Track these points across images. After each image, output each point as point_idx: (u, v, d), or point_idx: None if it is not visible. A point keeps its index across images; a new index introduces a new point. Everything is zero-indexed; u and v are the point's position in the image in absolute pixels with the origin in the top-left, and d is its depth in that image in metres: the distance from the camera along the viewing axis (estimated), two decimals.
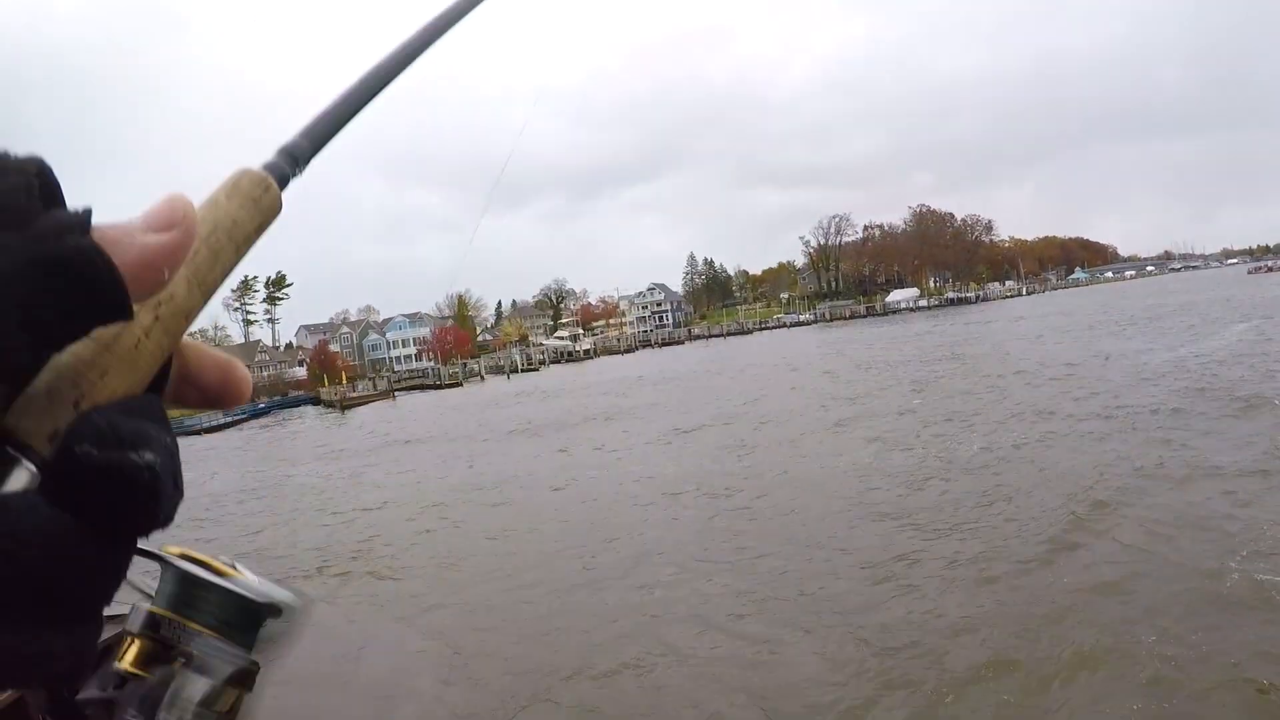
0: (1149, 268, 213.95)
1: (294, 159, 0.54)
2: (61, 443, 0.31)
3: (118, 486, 0.32)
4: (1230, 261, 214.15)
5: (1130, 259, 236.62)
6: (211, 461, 37.67)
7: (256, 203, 0.48)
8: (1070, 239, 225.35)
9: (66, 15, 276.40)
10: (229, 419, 69.35)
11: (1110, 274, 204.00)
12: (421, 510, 17.69)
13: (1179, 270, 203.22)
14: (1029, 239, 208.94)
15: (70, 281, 0.30)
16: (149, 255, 0.34)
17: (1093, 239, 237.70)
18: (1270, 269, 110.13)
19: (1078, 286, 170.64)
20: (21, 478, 0.30)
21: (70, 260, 0.31)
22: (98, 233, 0.33)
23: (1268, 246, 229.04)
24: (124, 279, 0.32)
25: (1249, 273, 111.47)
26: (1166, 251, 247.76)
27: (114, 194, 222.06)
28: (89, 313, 0.32)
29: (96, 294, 0.31)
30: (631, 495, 16.14)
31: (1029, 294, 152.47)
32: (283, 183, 0.51)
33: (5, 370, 0.30)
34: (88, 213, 0.33)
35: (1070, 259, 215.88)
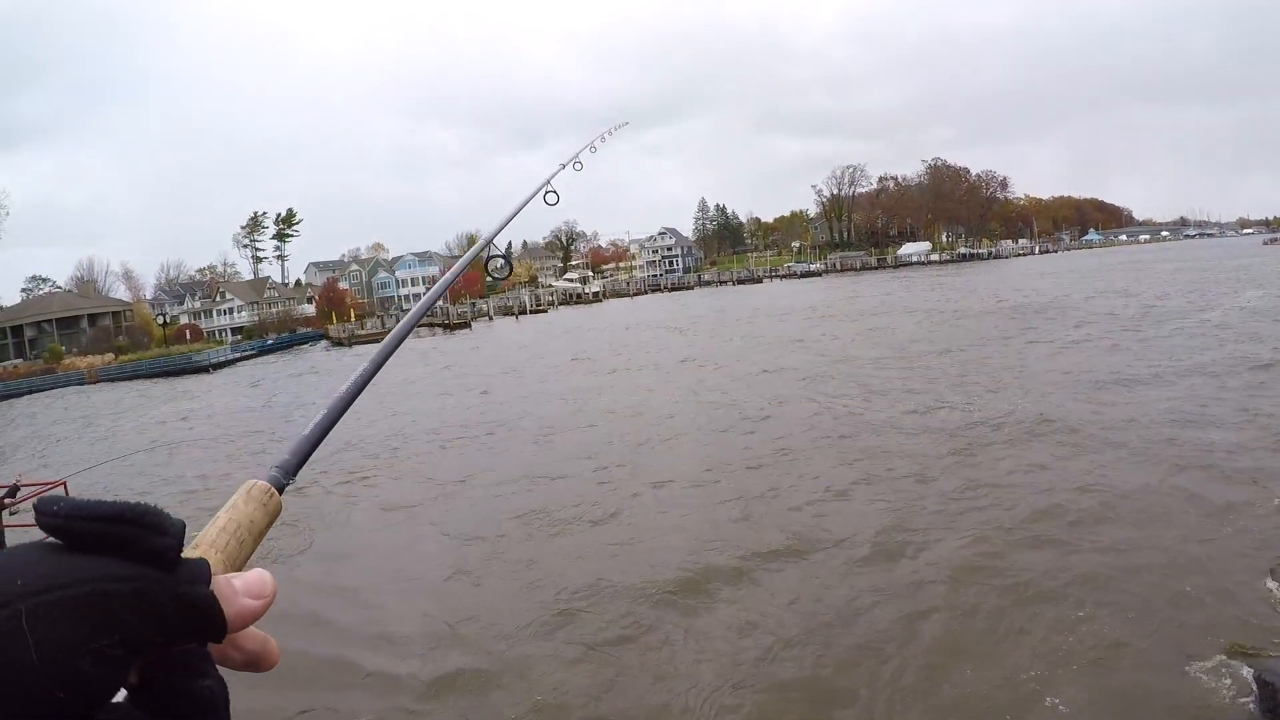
0: (1164, 233, 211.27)
1: (286, 472, 0.78)
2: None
3: (196, 703, 0.52)
4: (1246, 231, 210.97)
5: (1145, 223, 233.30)
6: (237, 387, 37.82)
7: (264, 506, 0.67)
8: (1086, 200, 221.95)
9: None
10: (236, 355, 69.57)
11: (1124, 237, 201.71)
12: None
13: (1194, 237, 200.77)
14: (1044, 198, 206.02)
15: (196, 616, 0.51)
16: (245, 614, 0.54)
17: (1109, 201, 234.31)
18: None
19: (1091, 248, 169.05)
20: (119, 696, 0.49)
21: (198, 604, 0.51)
22: (214, 582, 0.53)
23: None
24: (226, 622, 0.52)
25: (1264, 244, 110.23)
26: (1182, 218, 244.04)
27: (127, 128, 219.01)
28: (203, 635, 0.52)
29: (209, 628, 0.52)
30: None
31: (1042, 253, 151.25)
32: (280, 489, 0.72)
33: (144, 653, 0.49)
34: (206, 566, 0.53)
35: (1085, 220, 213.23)
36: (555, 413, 22.14)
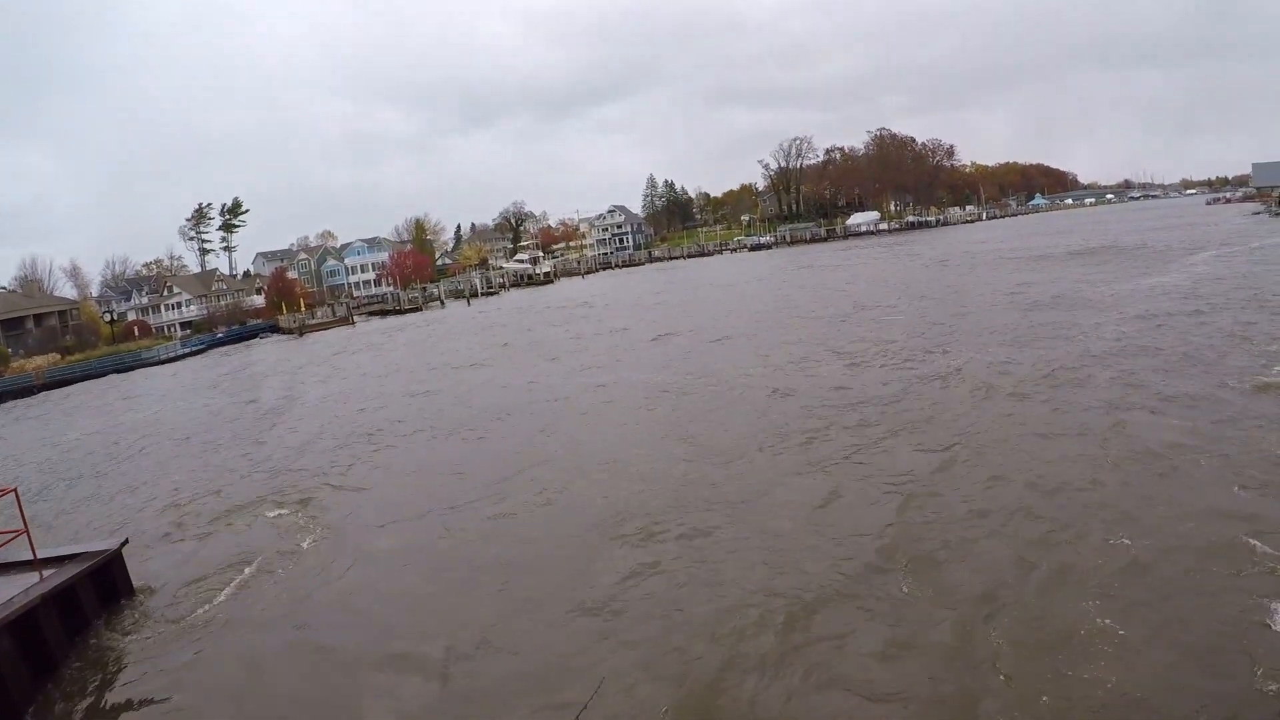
0: (1108, 196, 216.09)
1: None
2: None
3: None
4: (1189, 192, 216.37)
5: (1090, 187, 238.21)
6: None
7: None
8: (1030, 165, 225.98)
9: None
10: (188, 349, 69.40)
11: (1070, 200, 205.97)
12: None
13: (1138, 199, 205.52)
14: (991, 165, 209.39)
15: None
16: None
17: (1053, 166, 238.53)
18: (1228, 200, 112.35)
19: (1037, 212, 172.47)
20: None
21: None
22: None
23: (1226, 179, 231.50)
24: None
25: (1206, 204, 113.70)
26: (1126, 180, 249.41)
27: (69, 120, 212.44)
28: None
29: None
30: None
31: (989, 219, 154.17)
32: None
33: None
34: None
35: (1031, 185, 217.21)
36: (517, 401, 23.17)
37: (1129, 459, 10.84)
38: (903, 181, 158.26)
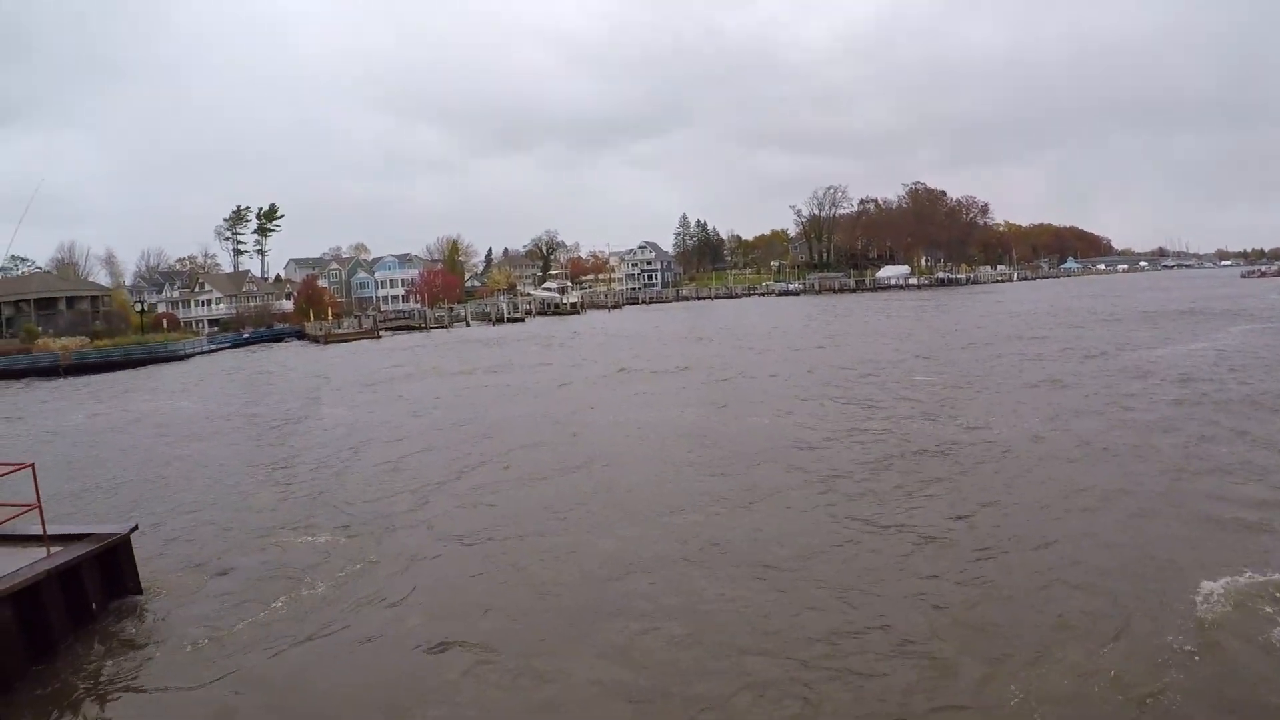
0: (1142, 263, 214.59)
1: None
2: None
3: None
4: (1224, 263, 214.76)
5: (1124, 253, 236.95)
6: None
7: None
8: (1065, 227, 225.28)
9: None
10: (214, 346, 70.04)
11: (1103, 266, 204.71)
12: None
13: (1172, 268, 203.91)
14: (1024, 224, 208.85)
15: None
16: None
17: (1088, 229, 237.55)
18: (1263, 274, 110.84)
19: (1069, 276, 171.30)
20: None
21: None
22: None
23: (1262, 251, 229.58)
24: None
25: (1241, 276, 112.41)
26: (1160, 248, 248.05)
27: (114, 111, 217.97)
28: None
29: None
30: None
31: (1020, 280, 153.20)
32: None
33: None
34: None
35: (1064, 248, 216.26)
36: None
37: None
38: (935, 237, 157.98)
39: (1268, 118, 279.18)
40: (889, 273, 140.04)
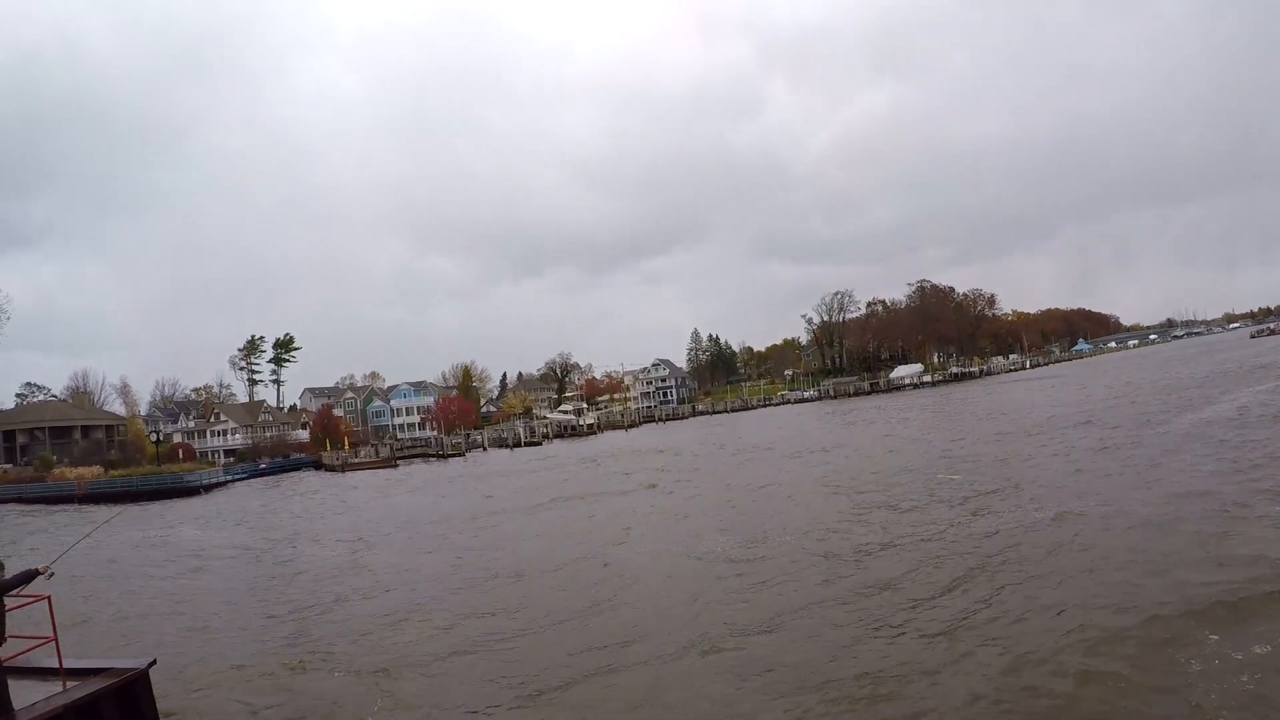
0: (1151, 336, 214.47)
1: None
2: None
3: None
4: (1233, 326, 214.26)
5: (1133, 328, 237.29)
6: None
7: None
8: (1072, 310, 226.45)
9: (97, 53, 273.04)
10: (230, 476, 69.68)
11: (1114, 344, 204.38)
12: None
13: (1181, 337, 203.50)
14: (1032, 311, 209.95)
15: None
16: None
17: (1095, 309, 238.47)
18: (1273, 331, 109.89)
19: (1081, 358, 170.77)
20: None
21: None
22: None
23: (1269, 309, 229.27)
24: None
25: (1251, 337, 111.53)
26: (1169, 319, 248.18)
27: (132, 239, 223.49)
28: None
29: None
30: None
31: (1032, 366, 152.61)
32: None
33: None
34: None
35: (1073, 330, 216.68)
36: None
37: None
38: (944, 332, 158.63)
39: (1270, 179, 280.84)
40: (902, 372, 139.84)
